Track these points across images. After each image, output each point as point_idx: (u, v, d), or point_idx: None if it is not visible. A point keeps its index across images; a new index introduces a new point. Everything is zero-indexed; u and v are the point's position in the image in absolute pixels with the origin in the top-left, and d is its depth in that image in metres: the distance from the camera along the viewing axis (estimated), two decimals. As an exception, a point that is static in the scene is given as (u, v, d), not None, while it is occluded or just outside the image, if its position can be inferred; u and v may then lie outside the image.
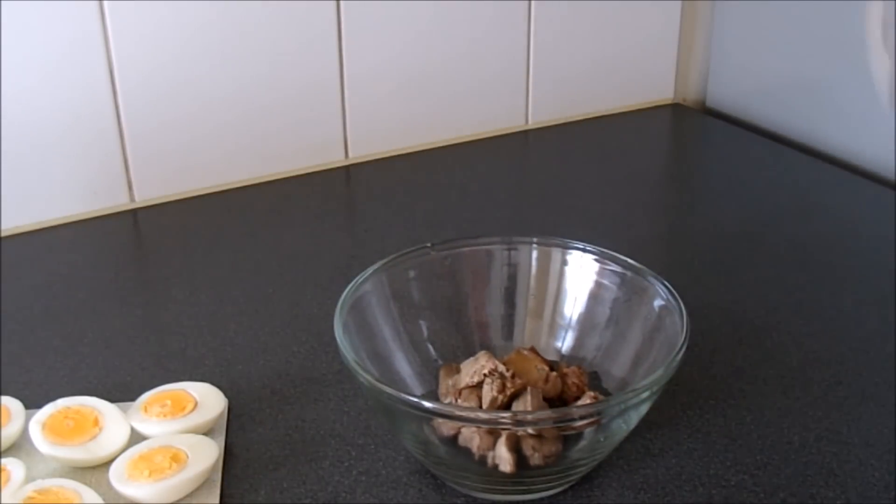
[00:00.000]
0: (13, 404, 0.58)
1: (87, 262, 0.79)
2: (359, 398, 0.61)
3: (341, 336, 0.53)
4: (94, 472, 0.54)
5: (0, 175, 0.80)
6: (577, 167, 0.97)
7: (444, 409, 0.52)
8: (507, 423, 0.51)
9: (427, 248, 0.61)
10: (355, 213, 0.91)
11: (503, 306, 0.63)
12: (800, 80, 0.99)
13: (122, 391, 0.62)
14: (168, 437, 0.55)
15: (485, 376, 0.54)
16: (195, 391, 0.59)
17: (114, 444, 0.55)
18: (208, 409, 0.58)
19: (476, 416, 0.51)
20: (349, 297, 0.56)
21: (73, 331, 0.69)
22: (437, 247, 0.62)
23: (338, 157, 0.95)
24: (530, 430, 0.51)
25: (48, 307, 0.72)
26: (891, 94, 0.88)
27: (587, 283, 0.61)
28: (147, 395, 0.59)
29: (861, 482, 0.54)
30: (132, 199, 0.87)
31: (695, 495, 0.53)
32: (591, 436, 0.52)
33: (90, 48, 0.80)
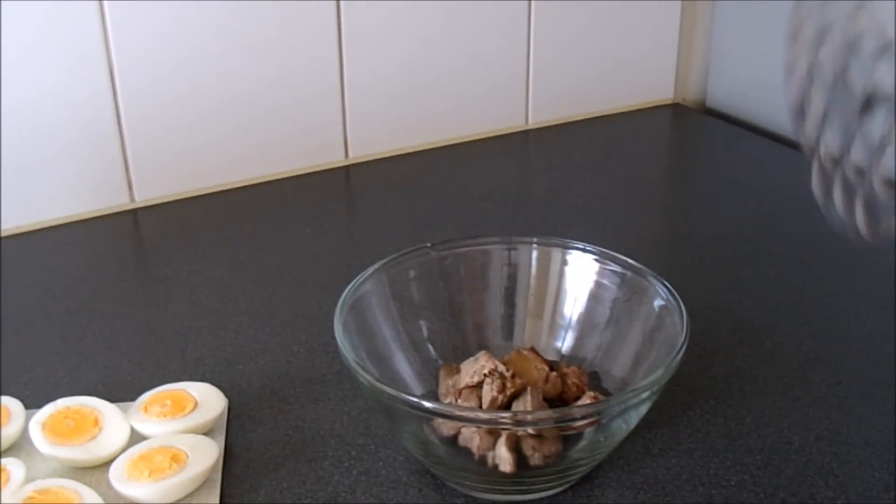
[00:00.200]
0: (13, 404, 0.58)
1: (87, 262, 0.79)
2: (359, 398, 0.61)
3: (341, 336, 0.53)
4: (94, 472, 0.54)
5: (0, 175, 0.81)
6: (577, 167, 0.97)
7: (444, 409, 0.52)
8: (507, 423, 0.51)
9: (427, 248, 0.61)
10: (355, 213, 0.91)
11: (503, 306, 0.63)
12: (800, 80, 0.99)
13: (122, 391, 0.61)
14: (168, 437, 0.55)
15: (485, 376, 0.54)
16: (195, 391, 0.59)
17: (114, 444, 0.55)
18: (208, 409, 0.58)
19: (476, 416, 0.51)
20: (349, 297, 0.56)
21: (73, 331, 0.69)
22: (437, 247, 0.62)
23: (338, 157, 0.95)
24: (530, 430, 0.51)
25: (48, 307, 0.72)
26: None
27: (587, 283, 0.61)
28: (147, 395, 0.59)
29: (861, 482, 0.54)
30: (132, 199, 0.87)
31: (695, 495, 0.53)
32: (591, 436, 0.52)
33: (90, 49, 0.80)
